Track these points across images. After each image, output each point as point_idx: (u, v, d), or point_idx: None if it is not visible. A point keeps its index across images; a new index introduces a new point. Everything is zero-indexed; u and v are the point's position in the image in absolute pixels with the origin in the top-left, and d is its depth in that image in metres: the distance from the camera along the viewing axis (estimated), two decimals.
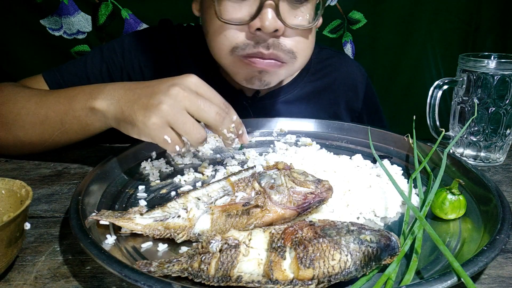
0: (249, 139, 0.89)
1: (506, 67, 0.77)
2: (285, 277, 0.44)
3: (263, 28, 0.75)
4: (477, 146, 0.83)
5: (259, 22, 0.75)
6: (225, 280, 0.45)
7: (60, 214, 0.66)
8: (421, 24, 1.46)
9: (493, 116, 0.80)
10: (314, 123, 0.93)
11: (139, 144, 0.81)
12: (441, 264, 0.50)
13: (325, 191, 0.57)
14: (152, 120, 0.61)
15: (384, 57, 1.51)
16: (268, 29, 0.75)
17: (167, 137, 0.62)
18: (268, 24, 0.75)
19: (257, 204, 0.55)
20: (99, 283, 0.49)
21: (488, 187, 0.62)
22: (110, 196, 0.66)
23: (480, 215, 0.59)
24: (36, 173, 0.81)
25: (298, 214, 0.56)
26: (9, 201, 0.54)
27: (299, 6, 0.80)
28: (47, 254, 0.55)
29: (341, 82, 1.10)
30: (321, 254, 0.45)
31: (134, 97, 0.65)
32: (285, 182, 0.58)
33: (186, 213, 0.56)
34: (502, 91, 0.78)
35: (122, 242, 0.54)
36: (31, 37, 1.37)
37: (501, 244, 0.48)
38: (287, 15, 0.78)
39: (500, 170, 0.82)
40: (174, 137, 0.63)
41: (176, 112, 0.62)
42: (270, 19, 0.75)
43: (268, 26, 0.75)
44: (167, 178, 0.74)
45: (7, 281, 0.50)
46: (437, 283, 0.42)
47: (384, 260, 0.47)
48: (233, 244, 0.47)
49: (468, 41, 1.48)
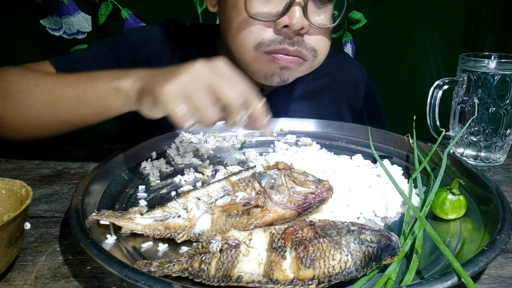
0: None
1: (506, 67, 0.77)
2: (285, 277, 0.44)
3: (291, 25, 0.78)
4: (477, 146, 0.83)
5: (287, 20, 0.78)
6: (226, 280, 0.45)
7: (60, 214, 0.66)
8: (421, 24, 1.46)
9: (493, 116, 0.80)
10: (314, 123, 0.93)
11: (139, 144, 0.81)
12: (441, 264, 0.50)
13: (326, 191, 0.57)
14: (168, 87, 0.58)
15: (384, 57, 1.51)
16: (296, 26, 0.78)
17: (180, 109, 0.58)
18: (296, 22, 0.78)
19: (258, 204, 0.55)
20: (99, 283, 0.49)
21: (488, 187, 0.62)
22: (110, 196, 0.66)
23: (481, 215, 0.59)
24: (36, 173, 0.81)
25: (298, 214, 0.56)
26: (9, 201, 0.54)
27: (323, 6, 0.83)
28: (47, 254, 0.55)
29: (343, 81, 1.10)
30: (321, 254, 0.45)
31: (159, 72, 0.64)
32: (285, 182, 0.58)
33: (186, 213, 0.56)
34: (502, 91, 0.78)
35: (122, 242, 0.54)
36: (31, 37, 1.36)
37: (502, 244, 0.48)
38: (312, 14, 0.80)
39: (500, 170, 0.82)
40: (186, 110, 0.59)
41: (195, 85, 0.59)
42: (298, 17, 0.77)
43: (296, 24, 0.78)
44: (167, 178, 0.74)
45: (7, 281, 0.50)
46: (437, 283, 0.42)
47: (385, 260, 0.47)
48: (234, 244, 0.47)
49: (468, 41, 1.48)
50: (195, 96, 0.59)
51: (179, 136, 0.87)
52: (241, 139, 0.90)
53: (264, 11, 0.79)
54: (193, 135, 0.88)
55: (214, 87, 0.59)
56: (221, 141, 0.89)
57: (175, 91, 0.59)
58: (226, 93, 0.59)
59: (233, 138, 0.90)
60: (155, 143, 0.84)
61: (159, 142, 0.85)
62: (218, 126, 0.92)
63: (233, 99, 0.60)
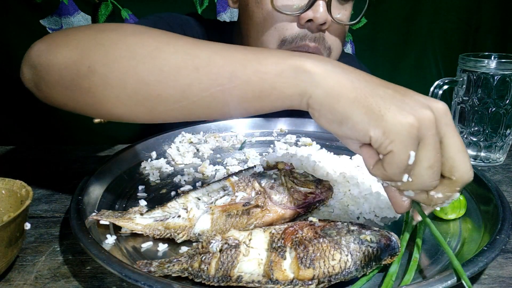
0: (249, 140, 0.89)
1: (506, 67, 0.77)
2: (285, 277, 0.44)
3: (315, 19, 0.79)
4: (477, 146, 0.83)
5: (312, 13, 0.79)
6: (225, 280, 0.45)
7: (60, 214, 0.66)
8: (421, 24, 1.47)
9: (493, 116, 0.80)
10: (314, 123, 0.93)
11: (139, 144, 0.81)
12: (441, 264, 0.50)
13: (325, 191, 0.57)
14: (408, 119, 0.42)
15: (384, 57, 1.51)
16: (320, 20, 0.79)
17: (413, 153, 0.42)
18: (320, 16, 0.78)
19: (257, 204, 0.55)
20: (99, 283, 0.49)
21: (488, 187, 0.62)
22: (110, 196, 0.66)
23: (480, 215, 0.59)
24: (36, 173, 0.81)
25: (298, 214, 0.56)
26: (9, 201, 0.54)
27: (345, 3, 0.84)
28: (47, 254, 0.55)
29: None
30: (321, 254, 0.45)
31: (379, 87, 0.46)
32: (285, 182, 0.58)
33: (186, 213, 0.56)
34: (502, 91, 0.78)
35: (122, 242, 0.54)
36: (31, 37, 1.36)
37: (501, 244, 0.48)
38: (334, 10, 0.81)
39: (500, 170, 0.82)
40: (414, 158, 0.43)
41: (434, 133, 0.43)
42: (322, 11, 0.78)
43: (320, 18, 0.78)
44: (167, 178, 0.74)
45: (7, 281, 0.50)
46: (437, 283, 0.42)
47: (385, 260, 0.47)
48: (233, 244, 0.47)
49: (468, 41, 1.49)
50: (431, 146, 0.43)
51: (179, 136, 0.87)
52: (241, 139, 0.90)
53: (289, 4, 0.80)
54: (193, 135, 0.88)
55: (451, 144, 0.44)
56: (221, 141, 0.89)
57: (415, 126, 0.42)
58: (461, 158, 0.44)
59: (233, 138, 0.90)
60: (155, 143, 0.84)
61: (159, 142, 0.85)
62: (218, 126, 0.92)
63: (468, 176, 0.45)
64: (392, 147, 0.42)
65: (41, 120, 1.46)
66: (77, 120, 1.42)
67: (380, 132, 0.42)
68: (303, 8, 0.79)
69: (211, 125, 0.92)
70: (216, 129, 0.92)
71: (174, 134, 0.87)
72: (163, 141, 0.85)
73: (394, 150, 0.42)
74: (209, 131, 0.91)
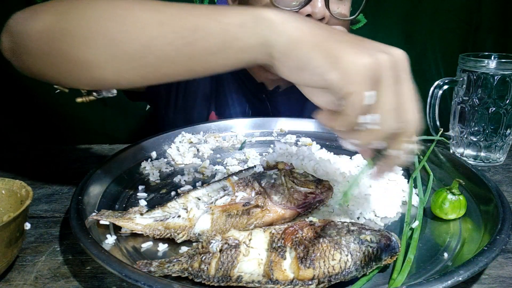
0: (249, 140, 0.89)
1: (506, 67, 0.77)
2: (285, 277, 0.44)
3: (314, 14, 0.79)
4: (477, 146, 0.83)
5: (310, 9, 0.79)
6: (226, 280, 0.45)
7: (60, 214, 0.66)
8: (421, 24, 1.46)
9: (493, 116, 0.80)
10: (314, 123, 0.93)
11: (139, 144, 0.81)
12: (441, 264, 0.50)
13: (325, 191, 0.57)
14: (365, 60, 0.42)
15: None
16: (318, 15, 0.79)
17: (371, 94, 0.42)
18: (318, 11, 0.79)
19: (257, 204, 0.55)
20: (99, 283, 0.49)
21: (488, 187, 0.62)
22: (110, 196, 0.66)
23: (480, 215, 0.59)
24: (36, 173, 0.81)
25: (298, 214, 0.56)
26: (9, 201, 0.54)
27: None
28: (47, 254, 0.55)
29: None
30: (321, 254, 0.45)
31: (337, 34, 0.47)
32: (285, 182, 0.58)
33: (186, 213, 0.56)
34: (502, 91, 0.78)
35: (122, 242, 0.54)
36: None
37: (502, 244, 0.48)
38: (333, 6, 0.82)
39: (500, 170, 0.82)
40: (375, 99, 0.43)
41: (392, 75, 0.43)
42: (320, 7, 0.79)
43: (318, 13, 0.79)
44: (167, 178, 0.74)
45: (7, 281, 0.50)
46: (437, 283, 0.42)
47: (385, 260, 0.47)
48: (233, 244, 0.47)
49: (468, 41, 1.48)
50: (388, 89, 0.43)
51: (179, 136, 0.87)
52: (241, 139, 0.90)
53: (287, 0, 0.80)
54: (193, 135, 0.88)
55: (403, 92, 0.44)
56: (221, 141, 0.89)
57: (371, 67, 0.42)
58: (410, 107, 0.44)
59: (233, 138, 0.90)
60: (155, 143, 0.84)
61: (159, 142, 0.85)
62: (218, 126, 0.92)
63: (414, 118, 0.45)
64: (350, 88, 0.42)
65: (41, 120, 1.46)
66: (77, 120, 1.43)
67: (338, 74, 0.42)
68: (301, 4, 0.79)
69: (211, 125, 0.92)
70: (216, 129, 0.92)
71: (174, 134, 0.87)
72: (163, 141, 0.85)
73: (351, 91, 0.42)
74: (209, 131, 0.91)
